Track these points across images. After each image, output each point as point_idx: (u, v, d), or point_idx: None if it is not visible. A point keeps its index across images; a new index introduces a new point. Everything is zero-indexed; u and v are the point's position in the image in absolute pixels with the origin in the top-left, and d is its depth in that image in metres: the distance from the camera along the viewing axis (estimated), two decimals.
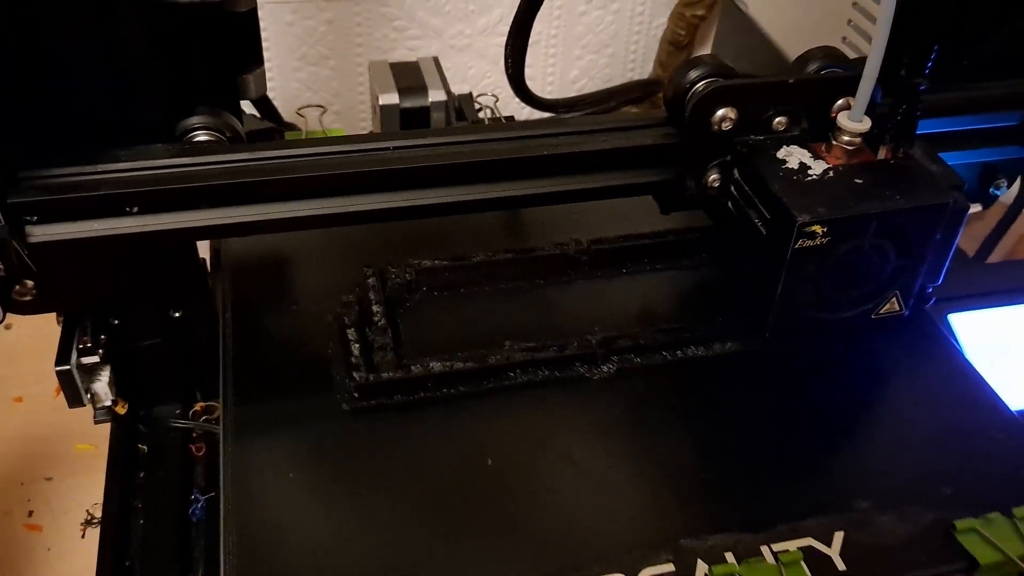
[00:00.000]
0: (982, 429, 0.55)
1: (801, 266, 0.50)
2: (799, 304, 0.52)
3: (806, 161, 0.52)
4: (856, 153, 0.53)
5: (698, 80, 0.54)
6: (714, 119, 0.53)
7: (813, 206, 0.49)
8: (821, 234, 0.49)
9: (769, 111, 0.54)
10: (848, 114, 0.53)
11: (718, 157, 0.55)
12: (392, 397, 0.55)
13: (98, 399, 0.60)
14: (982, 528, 0.49)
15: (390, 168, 0.52)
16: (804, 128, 0.55)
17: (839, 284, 0.52)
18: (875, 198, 0.50)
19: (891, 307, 0.54)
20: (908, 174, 0.52)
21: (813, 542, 0.48)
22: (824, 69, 0.56)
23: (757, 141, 0.54)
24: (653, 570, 0.46)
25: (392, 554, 0.47)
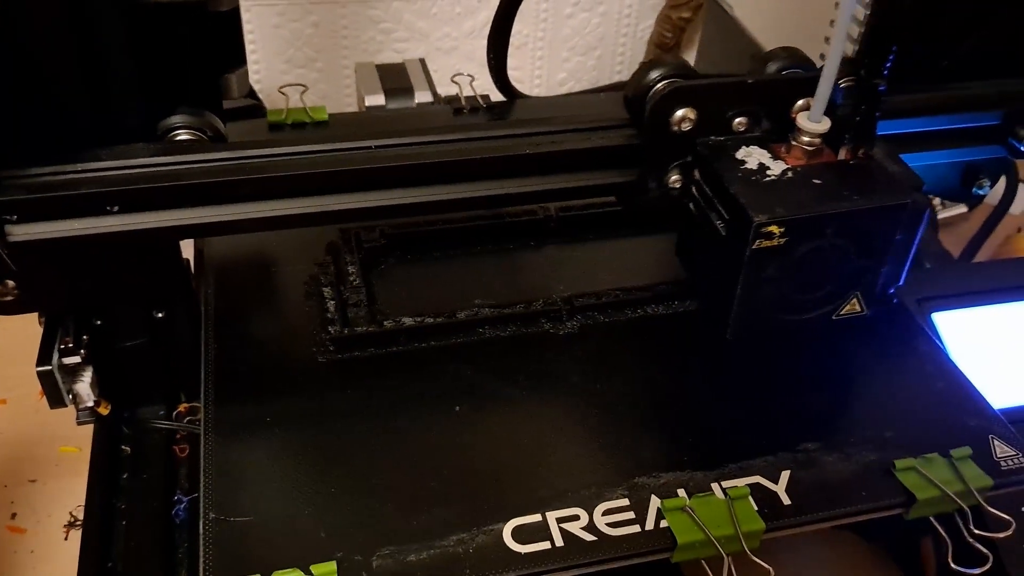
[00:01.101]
0: (924, 378, 0.58)
1: (760, 267, 0.50)
2: (760, 305, 0.52)
3: (765, 162, 0.52)
4: (816, 154, 0.53)
5: (658, 80, 0.53)
6: (673, 120, 0.53)
7: (770, 206, 0.49)
8: (779, 235, 0.49)
9: (729, 112, 0.54)
10: (807, 115, 0.53)
11: (679, 158, 0.55)
12: (366, 350, 0.57)
13: (80, 400, 0.60)
14: (920, 467, 0.52)
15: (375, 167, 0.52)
16: (765, 129, 0.55)
17: (799, 285, 0.52)
18: (833, 198, 0.50)
19: (852, 308, 0.55)
20: (868, 175, 0.52)
21: (761, 479, 0.51)
22: (785, 69, 0.56)
23: (717, 142, 0.54)
24: (608, 504, 0.49)
25: (367, 513, 0.49)
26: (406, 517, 0.48)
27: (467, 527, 0.48)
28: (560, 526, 0.48)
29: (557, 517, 0.48)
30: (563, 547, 0.47)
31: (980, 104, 0.62)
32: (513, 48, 1.08)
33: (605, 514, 0.49)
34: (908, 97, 0.61)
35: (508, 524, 0.48)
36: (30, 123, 0.49)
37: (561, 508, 0.49)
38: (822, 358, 0.60)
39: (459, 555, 0.47)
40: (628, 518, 0.49)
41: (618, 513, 0.49)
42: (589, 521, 0.48)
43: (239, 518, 0.48)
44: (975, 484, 0.51)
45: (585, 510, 0.49)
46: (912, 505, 0.51)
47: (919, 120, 0.61)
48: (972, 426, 0.55)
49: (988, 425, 0.55)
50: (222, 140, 0.55)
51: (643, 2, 1.10)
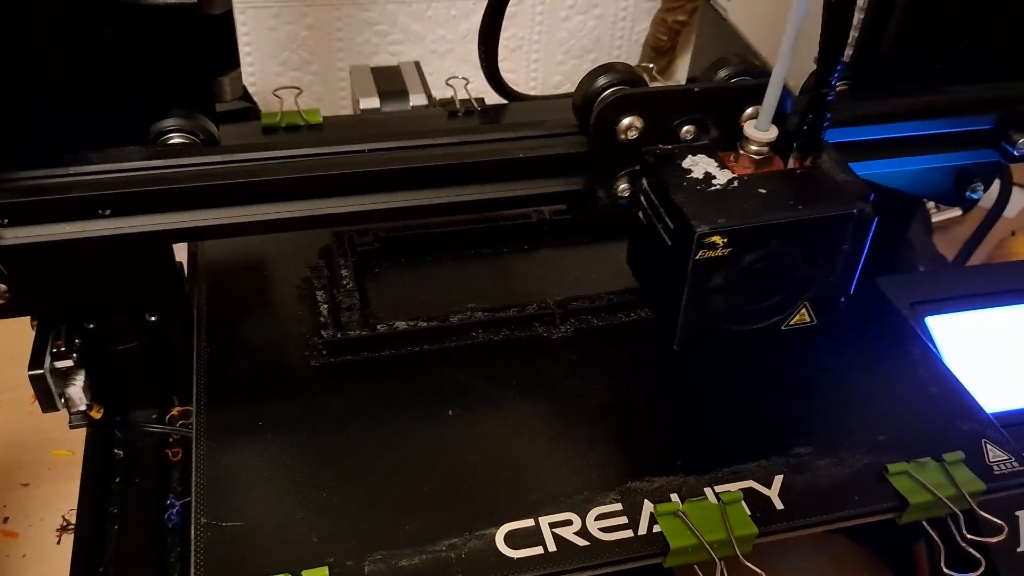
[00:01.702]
0: (917, 383, 0.58)
1: (705, 277, 0.50)
2: (706, 315, 0.52)
3: (711, 171, 0.52)
4: (764, 162, 0.52)
5: (605, 88, 0.53)
6: (620, 128, 0.53)
7: (713, 216, 0.49)
8: (722, 245, 0.49)
9: (676, 120, 0.54)
10: (754, 123, 0.52)
11: (627, 166, 0.54)
12: (359, 354, 0.57)
13: (73, 404, 0.60)
14: (913, 471, 0.52)
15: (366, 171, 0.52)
16: (714, 137, 0.54)
17: (746, 295, 0.52)
18: (777, 208, 0.50)
19: (802, 318, 0.54)
20: (814, 184, 0.52)
21: (754, 484, 0.51)
22: (735, 77, 0.56)
23: (664, 150, 0.54)
24: (601, 509, 0.49)
25: (359, 518, 0.49)
26: (398, 522, 0.48)
27: (459, 532, 0.48)
28: (553, 531, 0.48)
29: (550, 522, 0.48)
30: (556, 552, 0.47)
31: (974, 108, 0.62)
32: (508, 51, 1.08)
33: (598, 519, 0.49)
34: (902, 100, 0.62)
35: (501, 529, 0.48)
36: (22, 126, 0.49)
37: (554, 513, 0.49)
38: (814, 362, 0.60)
39: (451, 560, 0.47)
40: (621, 523, 0.49)
41: (611, 518, 0.49)
42: (582, 526, 0.48)
43: (231, 523, 0.48)
44: (968, 488, 0.51)
45: (578, 515, 0.49)
46: (905, 509, 0.51)
47: (913, 124, 0.61)
48: (965, 430, 0.55)
49: (981, 429, 0.55)
50: (215, 143, 0.55)
51: (638, 5, 1.10)
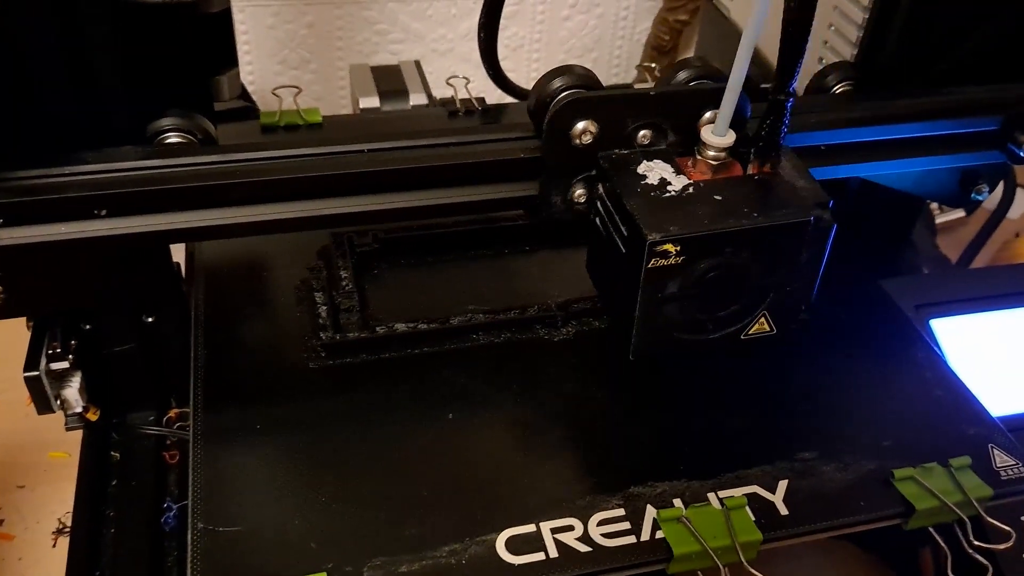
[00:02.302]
0: (922, 386, 0.58)
1: (658, 285, 0.49)
2: (661, 324, 0.51)
3: (667, 177, 0.51)
4: (722, 168, 0.51)
5: (560, 91, 0.52)
6: (573, 132, 0.51)
7: (665, 224, 0.47)
8: (675, 253, 0.47)
9: (631, 124, 0.52)
10: (712, 128, 0.51)
11: (583, 172, 0.53)
12: (358, 356, 0.57)
13: (69, 405, 0.59)
14: (919, 476, 0.51)
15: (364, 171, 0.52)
16: (672, 142, 0.53)
17: (702, 304, 0.51)
18: (732, 216, 0.48)
19: (761, 328, 0.53)
20: (771, 190, 0.50)
21: (758, 489, 0.51)
22: (694, 80, 0.55)
23: (620, 155, 0.52)
24: (604, 514, 0.49)
25: (358, 523, 0.48)
26: (398, 527, 0.48)
27: (460, 537, 0.47)
28: (554, 536, 0.47)
29: (551, 527, 0.48)
30: (557, 558, 0.47)
31: (979, 109, 0.62)
32: (509, 50, 1.07)
33: (600, 524, 0.48)
34: (906, 101, 0.61)
35: (501, 534, 0.47)
36: (17, 125, 0.49)
37: (555, 518, 0.48)
38: (818, 366, 0.59)
39: (451, 566, 0.46)
40: (623, 528, 0.48)
41: (613, 523, 0.48)
42: (584, 531, 0.48)
43: (228, 528, 0.47)
44: (975, 494, 0.50)
45: (580, 520, 0.48)
46: (911, 515, 0.50)
47: (918, 125, 0.61)
48: (971, 435, 0.54)
49: (987, 434, 0.54)
50: (212, 143, 0.54)
51: (640, 4, 1.09)
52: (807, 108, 0.61)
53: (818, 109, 0.61)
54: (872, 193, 0.66)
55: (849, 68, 0.65)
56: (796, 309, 0.53)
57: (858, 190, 0.68)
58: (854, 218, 0.70)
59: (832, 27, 0.71)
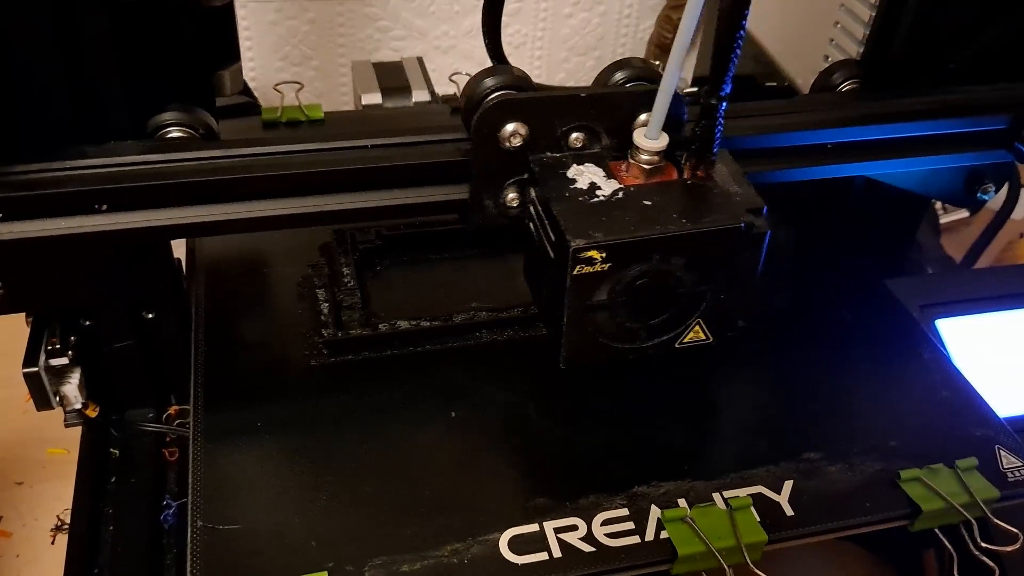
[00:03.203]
0: (929, 387, 0.57)
1: (586, 293, 0.47)
2: (591, 333, 0.49)
3: (597, 181, 0.49)
4: (656, 172, 0.50)
5: (490, 92, 0.50)
6: (502, 135, 0.50)
7: (590, 230, 0.46)
8: (600, 260, 0.46)
9: (563, 127, 0.51)
10: (644, 131, 0.50)
11: (514, 175, 0.52)
12: (360, 354, 0.56)
13: (68, 402, 0.59)
14: (926, 477, 0.51)
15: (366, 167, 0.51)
16: (606, 145, 0.52)
17: (633, 312, 0.49)
18: (659, 222, 0.47)
19: (696, 336, 0.52)
20: (704, 196, 0.49)
21: (763, 490, 0.50)
22: (631, 82, 0.53)
23: (552, 158, 0.51)
24: (608, 514, 0.48)
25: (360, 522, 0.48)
26: (399, 526, 0.47)
27: (462, 537, 0.47)
28: (558, 536, 0.47)
29: (555, 527, 0.47)
30: (561, 558, 0.46)
31: (987, 108, 0.61)
32: (511, 48, 1.07)
33: (604, 524, 0.48)
34: (913, 100, 0.61)
35: (504, 534, 0.47)
36: (15, 119, 0.48)
37: (559, 518, 0.48)
38: (823, 366, 0.59)
39: (454, 566, 0.46)
40: (627, 528, 0.48)
41: (617, 523, 0.48)
42: (588, 531, 0.47)
43: (228, 526, 0.47)
44: (981, 496, 0.50)
45: (583, 520, 0.48)
46: (917, 517, 0.50)
47: (925, 124, 0.60)
48: (978, 436, 0.54)
49: (994, 435, 0.54)
50: (214, 138, 0.54)
51: (643, 2, 1.09)
52: (813, 106, 0.61)
53: (824, 107, 0.61)
54: (877, 192, 0.66)
55: (855, 66, 0.65)
56: (733, 317, 0.52)
57: (863, 189, 0.68)
58: (859, 217, 0.70)
59: (838, 25, 0.71)
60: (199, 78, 0.54)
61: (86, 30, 0.48)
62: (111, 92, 0.50)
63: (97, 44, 0.48)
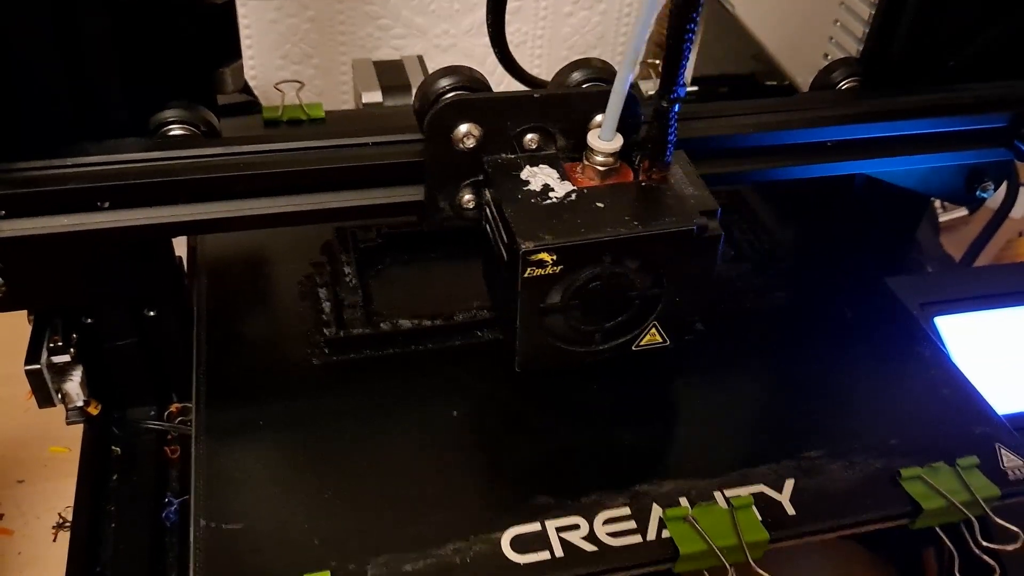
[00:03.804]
0: (929, 385, 0.57)
1: (538, 296, 0.47)
2: (545, 336, 0.49)
3: (551, 183, 0.49)
4: (610, 174, 0.49)
5: (444, 92, 0.50)
6: (455, 135, 0.49)
7: (540, 232, 0.46)
8: (551, 262, 0.46)
9: (517, 128, 0.50)
10: (598, 132, 0.49)
11: (469, 176, 0.51)
12: (362, 352, 0.56)
13: (70, 399, 0.59)
14: (927, 476, 0.51)
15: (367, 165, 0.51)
16: (562, 146, 0.51)
17: (587, 315, 0.49)
18: (610, 224, 0.46)
19: (652, 339, 0.51)
20: (657, 198, 0.49)
21: (765, 488, 0.50)
22: (589, 82, 0.53)
23: (506, 160, 0.51)
24: (609, 513, 0.48)
25: (362, 521, 0.48)
26: (402, 525, 0.47)
27: (464, 535, 0.47)
28: (560, 535, 0.47)
29: (557, 526, 0.47)
30: (563, 557, 0.46)
31: (987, 106, 0.61)
32: (512, 46, 1.06)
33: (606, 523, 0.48)
34: (912, 98, 0.61)
35: (507, 533, 0.47)
36: (16, 117, 0.48)
37: (561, 517, 0.48)
38: (824, 364, 0.59)
39: (456, 564, 0.46)
40: (629, 527, 0.48)
41: (619, 522, 0.48)
42: (590, 530, 0.47)
43: (231, 525, 0.47)
44: (982, 494, 0.50)
45: (585, 519, 0.48)
46: (918, 515, 0.50)
47: (925, 121, 0.60)
48: (978, 434, 0.54)
49: (995, 433, 0.54)
50: (216, 135, 0.54)
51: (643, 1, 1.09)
52: (813, 104, 0.61)
53: (823, 105, 0.61)
54: (877, 191, 0.66)
55: (855, 64, 0.65)
56: (690, 320, 0.52)
57: (863, 187, 0.68)
58: (859, 216, 0.70)
59: (838, 23, 0.71)
60: (200, 76, 0.54)
61: (87, 28, 0.48)
62: (112, 90, 0.50)
63: (98, 42, 0.48)
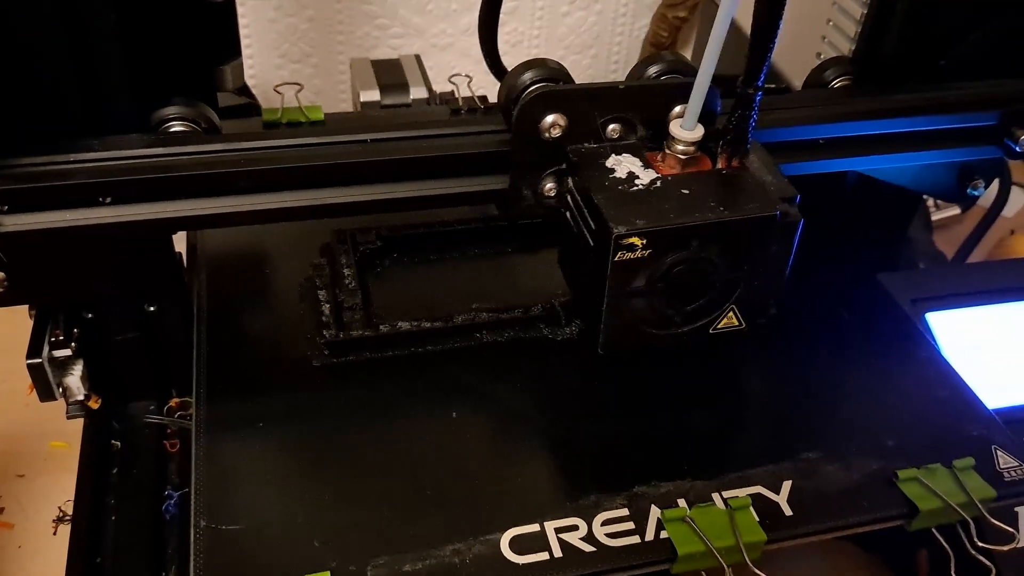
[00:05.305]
0: (925, 386, 0.58)
1: (625, 279, 0.48)
2: (629, 318, 0.50)
3: (635, 171, 0.50)
4: (691, 162, 0.51)
5: (529, 84, 0.52)
6: (543, 126, 0.51)
7: (631, 217, 0.47)
8: (641, 246, 0.47)
9: (601, 118, 0.52)
10: (680, 122, 0.51)
11: (552, 165, 0.53)
12: (362, 354, 0.57)
13: (71, 393, 0.59)
14: (923, 477, 0.51)
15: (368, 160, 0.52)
16: (641, 136, 0.53)
17: (669, 298, 0.50)
18: (697, 210, 0.48)
19: (729, 322, 0.52)
20: (739, 185, 0.50)
21: (762, 490, 0.51)
22: (665, 75, 0.54)
23: (590, 149, 0.52)
24: (608, 514, 0.49)
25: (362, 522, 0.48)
26: (402, 526, 0.47)
27: (464, 536, 0.47)
28: (559, 536, 0.47)
29: (556, 527, 0.48)
30: (561, 558, 0.46)
31: (977, 104, 0.62)
32: (508, 46, 1.07)
33: (604, 524, 0.48)
34: (904, 96, 0.61)
35: (506, 534, 0.47)
36: (20, 113, 0.49)
37: (560, 518, 0.48)
38: (818, 363, 0.59)
39: (455, 565, 0.46)
40: (628, 528, 0.48)
41: (617, 523, 0.48)
42: (588, 531, 0.48)
43: (231, 526, 0.47)
44: (978, 495, 0.50)
45: (584, 520, 0.48)
46: (915, 516, 0.50)
47: (916, 119, 0.61)
48: (974, 435, 0.54)
49: (990, 434, 0.54)
50: (216, 132, 0.54)
51: (639, 1, 1.09)
52: (805, 102, 0.62)
53: (816, 103, 0.61)
54: (870, 188, 0.66)
55: (847, 63, 0.66)
56: (765, 303, 0.53)
57: (855, 185, 0.68)
58: (852, 213, 0.71)
59: (831, 22, 0.71)
60: (201, 73, 0.54)
61: (93, 25, 0.48)
62: (116, 87, 0.50)
63: (104, 39, 0.49)
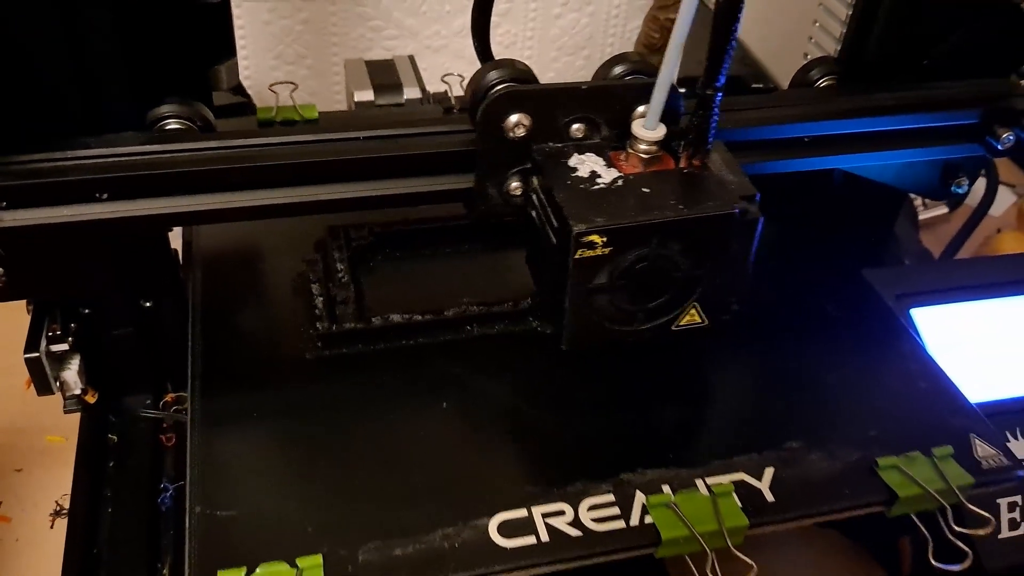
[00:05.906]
0: (907, 378, 0.59)
1: (586, 276, 0.49)
2: (591, 315, 0.51)
3: (598, 170, 0.51)
4: (653, 162, 0.51)
5: (494, 84, 0.52)
6: (507, 125, 0.52)
7: (592, 215, 0.48)
8: (601, 244, 0.48)
9: (564, 118, 0.53)
10: (643, 122, 0.51)
11: (518, 165, 0.53)
12: (354, 347, 0.57)
13: (68, 387, 0.60)
14: (903, 465, 0.52)
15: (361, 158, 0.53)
16: (605, 136, 0.54)
17: (631, 295, 0.51)
18: (657, 208, 0.49)
19: (692, 319, 0.53)
20: (700, 183, 0.51)
21: (745, 476, 0.52)
22: (629, 75, 0.55)
23: (554, 148, 0.53)
24: (594, 500, 0.50)
25: (354, 508, 0.49)
26: (392, 512, 0.48)
27: (453, 522, 0.48)
28: (546, 521, 0.48)
29: (543, 512, 0.49)
30: (548, 542, 0.47)
31: (959, 103, 0.63)
32: (502, 48, 1.08)
33: (591, 509, 0.49)
34: (888, 95, 0.62)
35: (494, 519, 0.48)
36: (18, 111, 0.49)
37: (547, 503, 0.49)
38: (802, 355, 0.60)
39: (445, 550, 0.47)
40: (613, 513, 0.49)
41: (603, 508, 0.49)
42: (574, 516, 0.49)
43: (225, 512, 0.48)
44: (956, 483, 0.51)
45: (571, 505, 0.49)
46: (894, 503, 0.51)
47: (899, 118, 0.62)
48: (954, 425, 0.55)
49: (969, 424, 0.55)
50: (211, 130, 0.55)
51: (631, 3, 1.10)
52: (791, 101, 0.63)
53: (802, 102, 0.62)
54: (855, 185, 0.67)
55: (832, 63, 0.67)
56: (727, 301, 0.53)
57: (841, 182, 0.69)
58: (838, 209, 0.71)
59: (816, 23, 0.72)
60: (197, 73, 0.55)
61: (90, 24, 0.49)
62: (113, 86, 0.51)
63: (100, 39, 0.49)
